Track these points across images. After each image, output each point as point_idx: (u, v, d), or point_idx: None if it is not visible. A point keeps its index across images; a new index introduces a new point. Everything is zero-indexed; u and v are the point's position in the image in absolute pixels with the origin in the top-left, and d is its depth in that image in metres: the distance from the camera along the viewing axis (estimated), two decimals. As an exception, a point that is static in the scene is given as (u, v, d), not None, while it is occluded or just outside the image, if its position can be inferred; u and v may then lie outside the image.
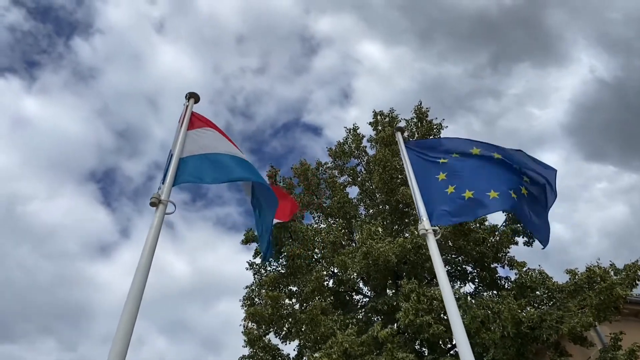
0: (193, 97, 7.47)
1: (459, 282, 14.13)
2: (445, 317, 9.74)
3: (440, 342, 9.32)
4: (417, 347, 9.72)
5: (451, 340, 9.43)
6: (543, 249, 5.80)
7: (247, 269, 13.60)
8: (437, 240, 11.38)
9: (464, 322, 8.82)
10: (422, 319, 8.32)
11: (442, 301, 8.40)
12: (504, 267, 14.04)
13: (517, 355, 8.29)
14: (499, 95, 54.92)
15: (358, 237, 10.24)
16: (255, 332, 12.21)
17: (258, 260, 13.33)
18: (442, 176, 6.98)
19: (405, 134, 16.58)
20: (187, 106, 7.17)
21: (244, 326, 12.63)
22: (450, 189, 6.65)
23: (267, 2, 56.26)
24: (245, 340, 12.90)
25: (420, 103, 15.64)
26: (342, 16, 57.98)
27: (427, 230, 6.08)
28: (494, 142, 7.27)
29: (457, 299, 8.11)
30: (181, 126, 6.70)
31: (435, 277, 12.21)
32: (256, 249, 13.33)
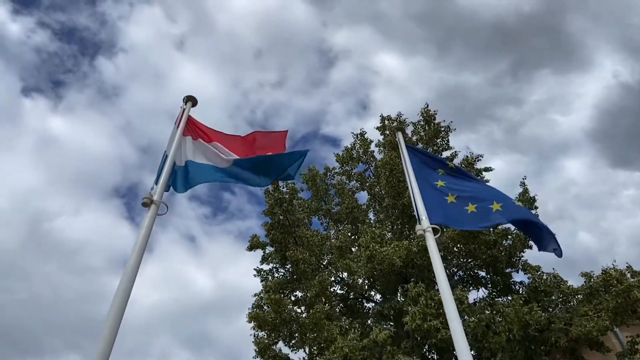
0: (191, 100, 7.46)
1: (471, 288, 13.79)
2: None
3: (451, 348, 9.02)
4: (425, 353, 9.44)
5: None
6: (560, 257, 5.69)
7: (254, 276, 13.51)
8: (445, 243, 11.16)
9: (469, 326, 8.60)
10: (429, 323, 8.09)
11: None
12: (517, 272, 13.67)
13: (526, 359, 7.96)
14: (520, 102, 54.25)
15: (362, 240, 10.05)
16: (265, 340, 12.08)
17: (265, 267, 13.24)
18: (441, 183, 6.87)
19: (414, 137, 16.41)
20: (184, 109, 7.20)
21: (253, 335, 12.52)
22: (451, 198, 6.55)
23: (284, 17, 57.02)
24: (255, 350, 12.78)
25: (427, 106, 15.45)
26: (359, 28, 58.35)
27: (425, 229, 5.95)
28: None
29: (461, 303, 7.86)
30: (177, 128, 6.70)
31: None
32: (263, 255, 13.24)
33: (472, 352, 9.13)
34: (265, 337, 12.11)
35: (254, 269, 13.45)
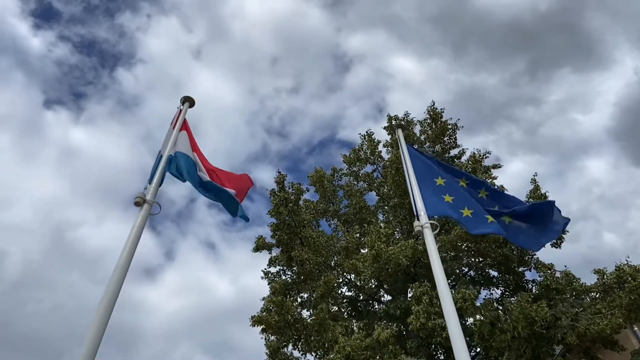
0: (188, 101, 7.46)
1: (483, 287, 13.53)
2: (461, 321, 9.26)
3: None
4: (433, 352, 9.25)
5: (468, 345, 8.89)
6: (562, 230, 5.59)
7: (262, 279, 13.45)
8: (453, 242, 10.96)
9: (475, 325, 8.39)
10: (434, 322, 7.92)
11: (455, 303, 8.00)
12: (530, 270, 13.38)
13: (533, 358, 7.71)
14: (539, 102, 53.43)
15: (367, 239, 9.92)
16: (276, 344, 12.02)
17: (272, 270, 13.17)
18: (440, 181, 6.79)
19: (422, 137, 16.24)
20: (180, 110, 7.20)
21: (264, 338, 12.46)
22: (448, 198, 6.51)
23: (299, 24, 57.42)
24: (266, 353, 12.73)
25: (434, 104, 15.28)
26: (374, 32, 58.40)
27: (423, 225, 5.85)
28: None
29: (464, 301, 7.68)
30: (173, 128, 6.70)
31: (448, 278, 11.74)
32: (270, 258, 13.18)
33: (480, 351, 8.93)
34: (276, 340, 12.05)
35: (262, 271, 13.41)
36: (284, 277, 12.74)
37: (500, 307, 10.42)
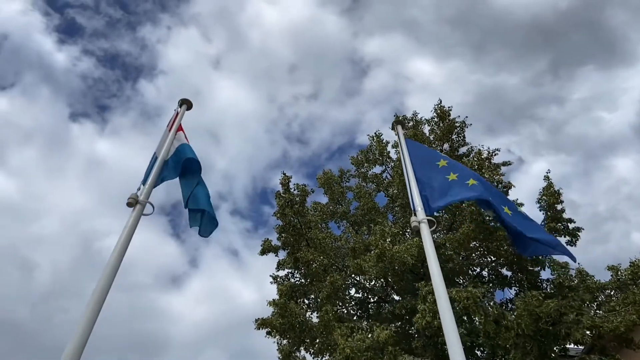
0: (186, 103, 7.48)
1: (496, 288, 13.25)
2: (466, 320, 9.07)
3: (465, 345, 8.62)
4: (440, 352, 9.05)
5: (475, 344, 8.70)
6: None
7: (271, 283, 13.39)
8: (460, 240, 10.75)
9: (480, 323, 8.19)
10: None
11: (460, 302, 7.84)
12: (544, 269, 13.06)
13: (540, 356, 7.47)
14: (562, 101, 52.46)
15: (371, 238, 9.81)
16: (287, 347, 11.96)
17: (281, 273, 13.12)
18: (443, 163, 6.76)
19: (431, 136, 16.06)
20: (177, 112, 7.23)
21: (277, 343, 12.42)
22: (453, 176, 6.48)
23: (316, 30, 57.85)
24: (279, 358, 12.67)
25: (440, 102, 15.12)
26: (391, 36, 58.39)
27: (420, 221, 5.77)
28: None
29: (467, 299, 7.50)
30: (169, 130, 6.73)
31: (455, 277, 11.50)
32: (279, 261, 13.14)
33: (488, 351, 8.70)
34: (287, 344, 12.00)
35: (270, 276, 13.36)
36: (292, 280, 12.68)
37: (496, 303, 10.21)
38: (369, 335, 7.88)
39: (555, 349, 7.96)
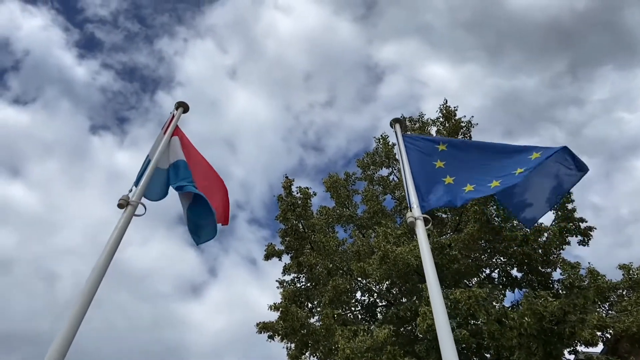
0: (182, 106, 7.47)
1: (507, 289, 12.97)
2: (471, 322, 8.87)
3: (471, 347, 8.40)
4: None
5: (480, 346, 8.48)
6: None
7: (277, 288, 13.30)
8: (465, 241, 10.56)
9: (484, 324, 7.99)
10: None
11: (464, 303, 7.66)
12: (555, 270, 12.76)
13: (545, 357, 7.23)
14: (581, 103, 51.59)
15: (374, 241, 9.68)
16: (294, 352, 11.87)
17: (287, 278, 13.03)
18: (439, 164, 6.63)
19: (438, 137, 15.90)
20: (173, 114, 7.22)
21: (286, 348, 12.34)
22: (449, 180, 6.33)
23: (330, 38, 58.14)
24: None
25: (446, 102, 14.96)
26: (405, 41, 58.34)
27: (415, 217, 5.66)
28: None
29: (469, 298, 7.32)
30: (164, 133, 6.72)
31: (464, 279, 11.27)
32: (284, 266, 13.06)
33: (493, 353, 8.48)
34: (294, 348, 11.91)
35: (276, 281, 13.28)
36: (298, 285, 12.59)
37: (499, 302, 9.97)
38: (369, 336, 7.74)
39: (565, 351, 7.72)
